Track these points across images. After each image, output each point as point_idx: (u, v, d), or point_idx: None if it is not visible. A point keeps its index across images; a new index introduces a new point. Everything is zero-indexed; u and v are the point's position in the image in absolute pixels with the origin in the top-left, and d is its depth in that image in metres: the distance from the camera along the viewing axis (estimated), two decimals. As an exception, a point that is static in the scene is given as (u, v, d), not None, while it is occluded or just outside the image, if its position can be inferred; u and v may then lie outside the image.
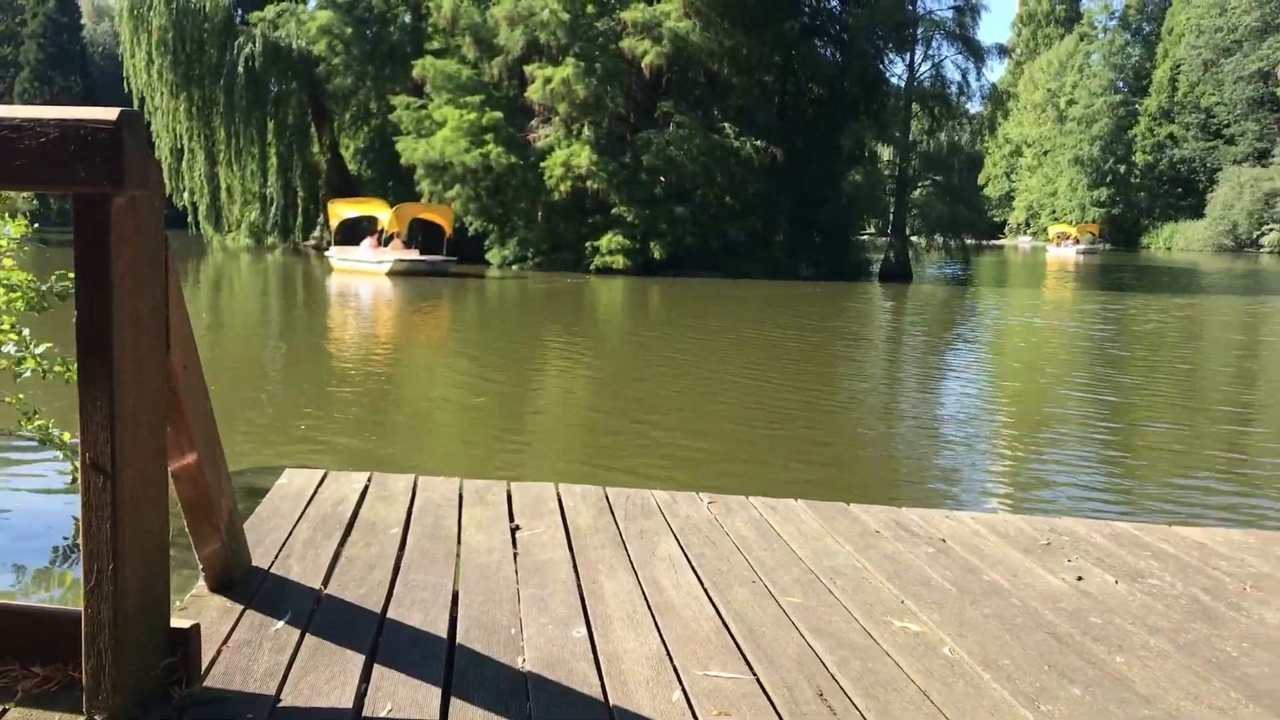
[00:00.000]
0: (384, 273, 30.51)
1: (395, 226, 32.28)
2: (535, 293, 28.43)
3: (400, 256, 31.28)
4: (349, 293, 26.13)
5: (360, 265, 31.90)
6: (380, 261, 31.09)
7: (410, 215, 33.58)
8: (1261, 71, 76.58)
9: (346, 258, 32.95)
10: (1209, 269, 51.94)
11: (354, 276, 30.50)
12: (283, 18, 42.67)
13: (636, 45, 34.05)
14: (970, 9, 37.18)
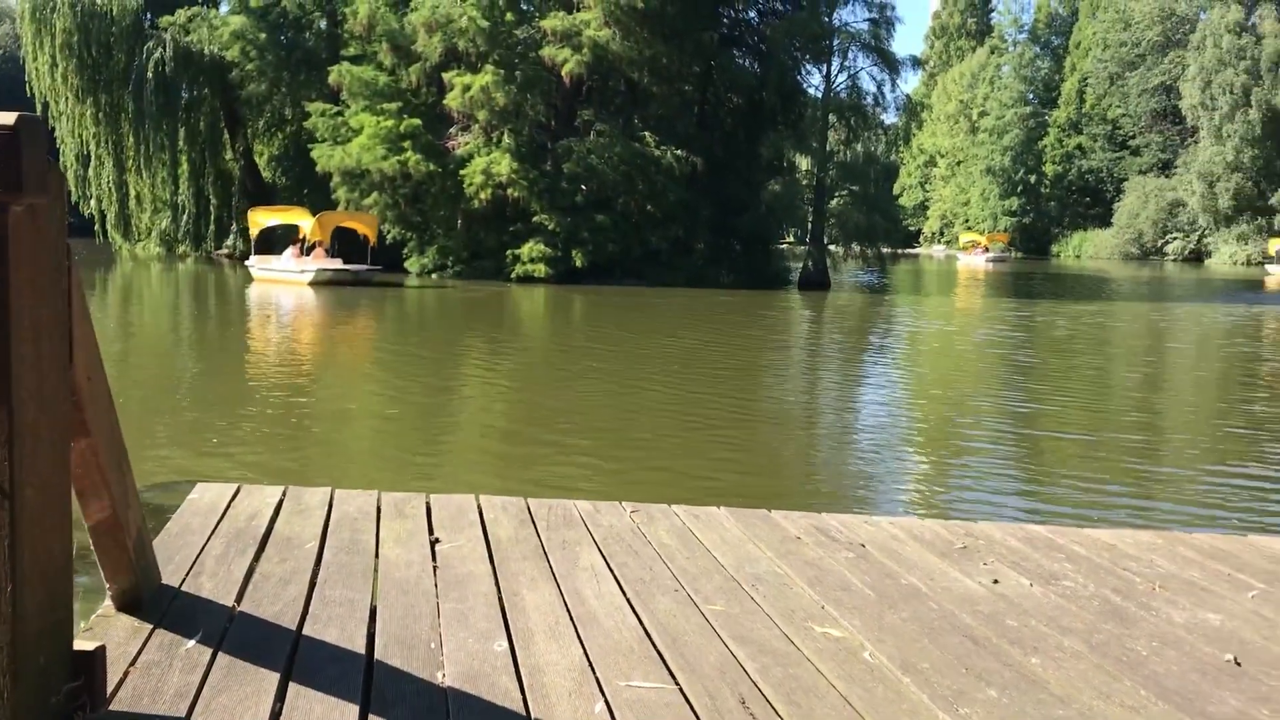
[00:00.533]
0: (306, 282, 29.92)
1: (318, 235, 31.61)
2: (456, 301, 28.22)
3: (323, 266, 30.67)
4: (269, 303, 25.64)
5: (282, 275, 31.22)
6: (303, 271, 30.47)
7: (334, 223, 32.96)
8: (1164, 85, 79.05)
9: (267, 267, 32.23)
10: (1116, 276, 53.41)
11: (275, 286, 29.88)
12: (194, 22, 41.73)
13: (556, 53, 34.01)
14: (885, 22, 37.86)
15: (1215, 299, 36.80)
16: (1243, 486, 8.41)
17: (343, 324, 21.97)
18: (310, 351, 17.13)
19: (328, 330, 20.91)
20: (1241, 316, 28.64)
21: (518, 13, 36.06)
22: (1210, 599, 3.59)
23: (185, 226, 44.97)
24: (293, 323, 21.95)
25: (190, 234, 45.01)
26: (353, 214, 34.48)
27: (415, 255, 36.40)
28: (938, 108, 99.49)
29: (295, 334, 19.90)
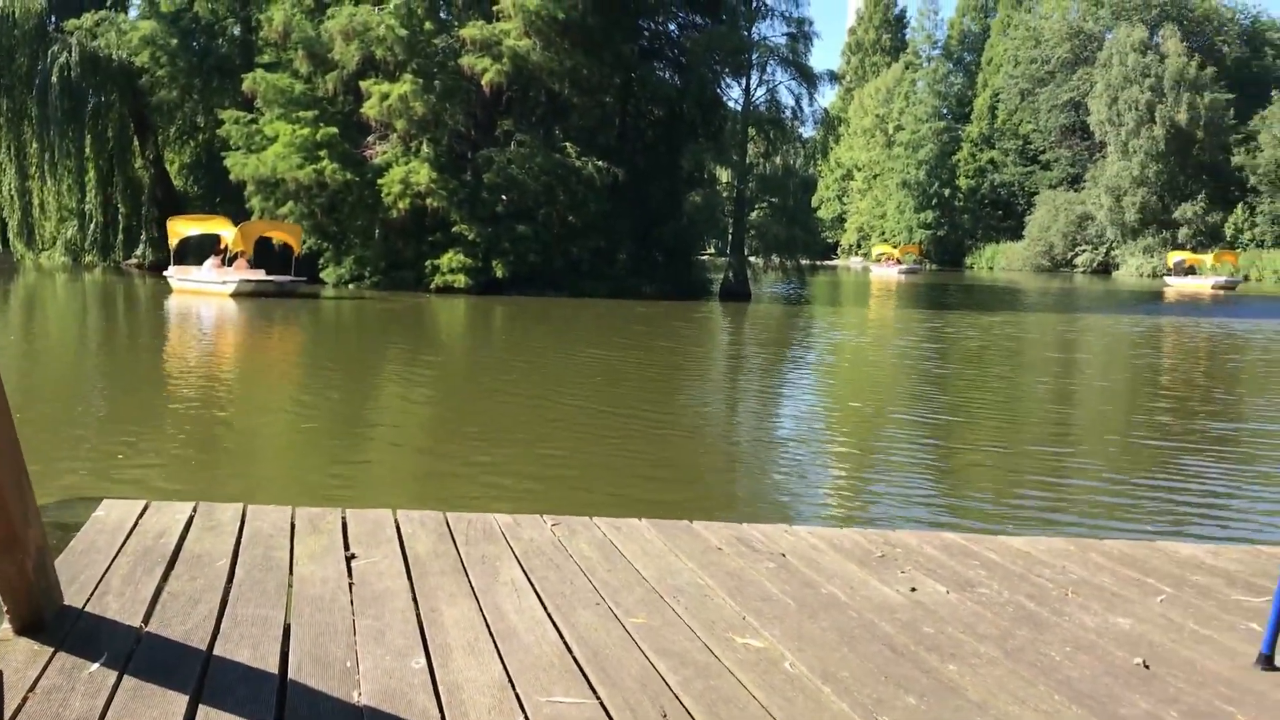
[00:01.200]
0: (228, 294, 29.18)
1: (240, 245, 30.61)
2: (375, 313, 27.87)
3: (246, 277, 29.88)
4: (186, 314, 25.04)
5: (202, 286, 30.40)
6: (224, 282, 29.68)
7: (257, 233, 31.98)
8: (1073, 101, 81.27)
9: (187, 278, 31.31)
10: (1026, 288, 54.69)
11: (195, 298, 29.18)
12: (101, 27, 40.65)
13: (476, 63, 33.80)
14: (803, 36, 38.33)
15: (1117, 310, 37.88)
16: (1150, 494, 8.64)
17: (259, 336, 21.56)
18: (225, 364, 16.77)
19: (243, 342, 20.50)
20: (1144, 328, 29.52)
21: (436, 21, 35.80)
22: (1120, 604, 3.67)
23: (92, 235, 43.81)
24: (208, 334, 21.49)
25: (98, 243, 43.87)
26: (276, 223, 33.62)
27: (332, 265, 35.89)
28: (854, 122, 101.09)
29: (210, 346, 19.48)
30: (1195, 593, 3.83)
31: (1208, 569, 4.15)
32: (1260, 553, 4.53)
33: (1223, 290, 53.84)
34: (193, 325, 23.08)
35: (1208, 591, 3.85)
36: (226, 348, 19.25)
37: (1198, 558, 4.34)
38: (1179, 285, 57.48)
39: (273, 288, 30.06)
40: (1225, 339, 25.99)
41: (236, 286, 29.39)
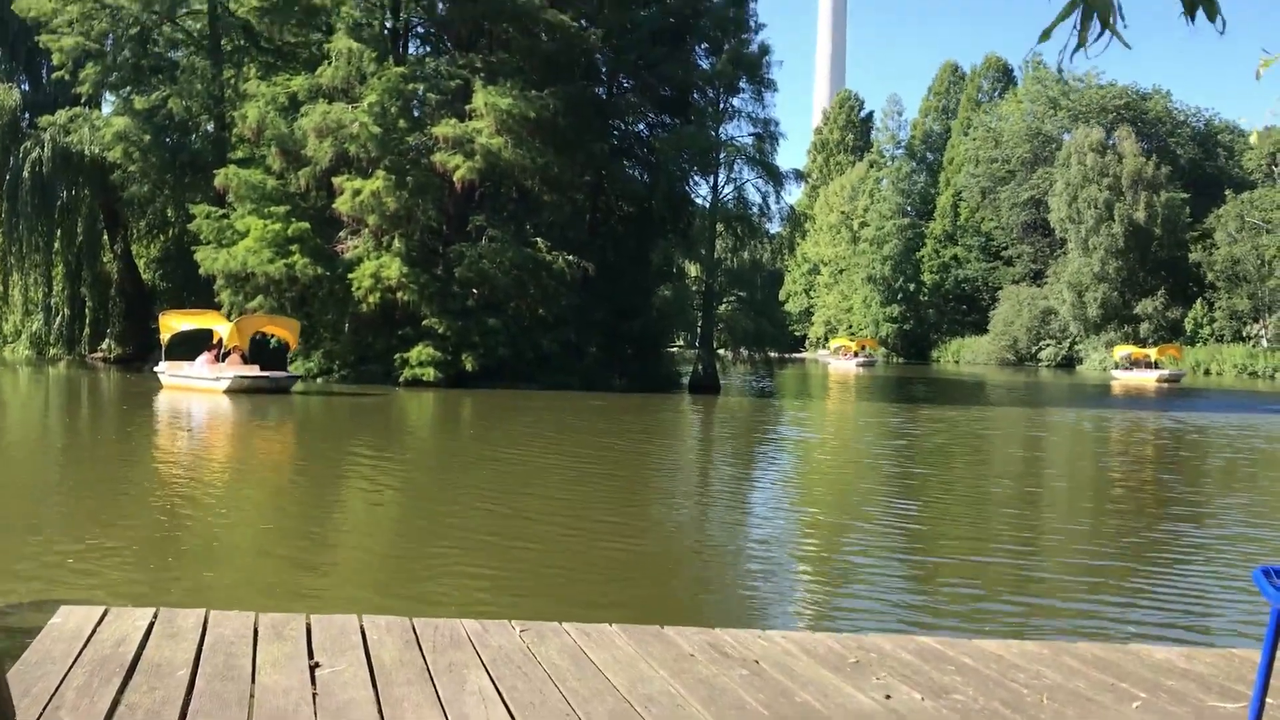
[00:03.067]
0: (221, 390, 28.70)
1: (235, 340, 30.24)
2: (347, 407, 27.71)
3: (240, 373, 29.33)
4: (175, 411, 24.70)
5: (195, 382, 29.91)
6: (218, 379, 29.19)
7: (253, 329, 31.58)
8: (1034, 199, 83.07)
9: (179, 374, 30.83)
10: (989, 382, 55.17)
11: (187, 394, 28.73)
12: (75, 123, 40.95)
13: (448, 160, 34.18)
14: (769, 137, 39.09)
15: (1076, 404, 38.25)
16: (1121, 596, 8.63)
17: (239, 434, 21.36)
18: (200, 463, 16.57)
19: (222, 441, 20.29)
20: (1103, 424, 29.79)
21: (410, 119, 36.29)
22: (1096, 710, 3.63)
23: (58, 329, 43.56)
24: (190, 432, 21.28)
25: (64, 337, 43.59)
26: (273, 318, 32.95)
27: (301, 359, 35.75)
28: (820, 218, 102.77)
29: (188, 444, 19.28)
30: (1170, 698, 3.80)
31: (1181, 673, 4.13)
32: (1234, 656, 4.51)
33: (1167, 383, 55.15)
34: (177, 422, 22.85)
35: (1183, 697, 3.82)
36: (205, 446, 19.03)
37: (1172, 661, 4.32)
38: (1125, 378, 58.69)
39: (267, 384, 29.52)
40: (1183, 434, 26.25)
41: (230, 383, 28.81)
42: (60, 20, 38.76)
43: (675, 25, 39.09)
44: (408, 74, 35.92)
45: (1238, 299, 71.13)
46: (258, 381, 29.41)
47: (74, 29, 38.83)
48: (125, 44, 40.47)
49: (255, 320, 32.20)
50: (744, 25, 39.40)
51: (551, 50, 37.14)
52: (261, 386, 29.32)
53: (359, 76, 35.14)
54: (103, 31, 39.81)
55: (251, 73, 40.36)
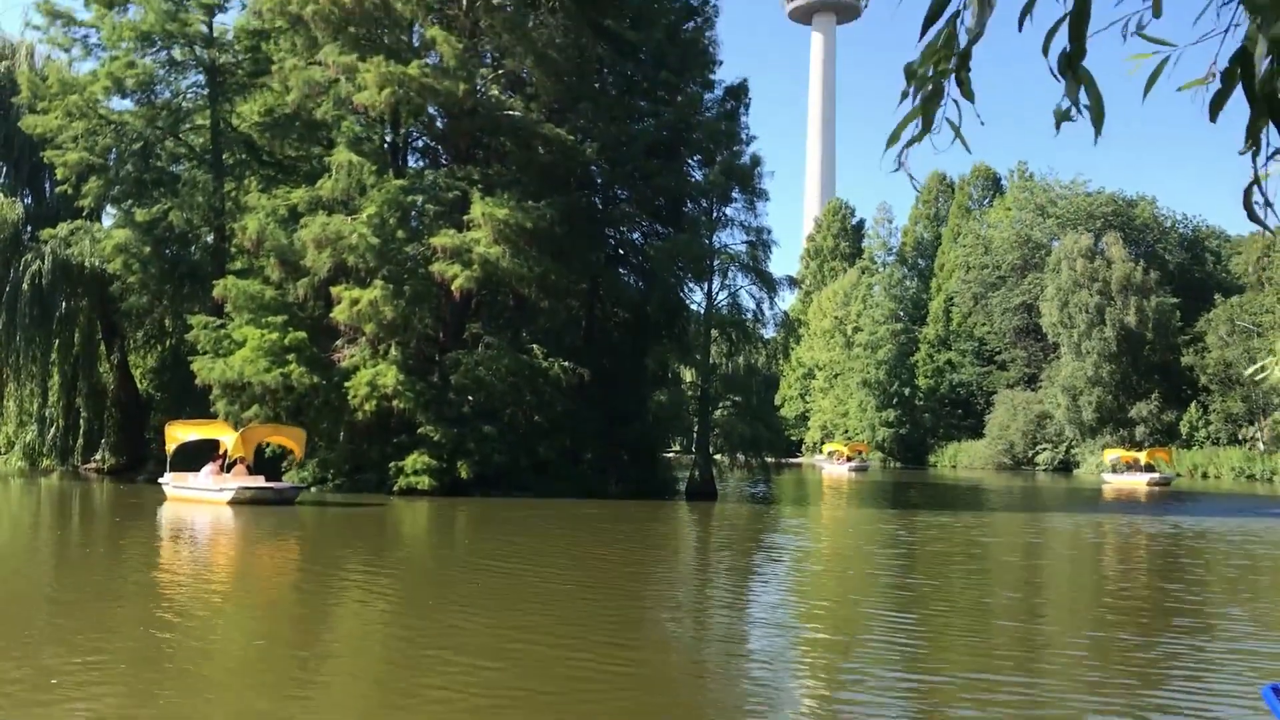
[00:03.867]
0: (225, 501, 28.45)
1: (241, 451, 29.97)
2: (340, 518, 27.44)
3: (244, 484, 29.13)
4: (177, 524, 24.37)
5: (199, 494, 29.65)
6: (222, 490, 28.97)
7: (258, 439, 31.31)
8: (1025, 304, 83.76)
9: (184, 485, 30.56)
10: (983, 487, 54.84)
11: (191, 506, 28.34)
12: (76, 235, 41.43)
13: (446, 269, 34.49)
14: (762, 244, 39.58)
15: (1070, 509, 37.99)
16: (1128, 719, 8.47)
17: (236, 547, 21.14)
18: (188, 577, 16.35)
19: (211, 553, 20.06)
20: (1100, 531, 29.58)
21: (408, 230, 36.72)
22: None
23: (52, 440, 43.40)
24: (181, 545, 21.04)
25: (57, 447, 43.41)
26: (279, 427, 32.66)
27: (294, 469, 35.56)
28: (814, 323, 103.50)
29: (179, 558, 19.04)
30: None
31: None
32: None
33: (1157, 487, 55.21)
34: (178, 535, 22.58)
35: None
36: (202, 560, 18.79)
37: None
38: (1116, 482, 58.78)
39: (272, 495, 29.25)
40: (1182, 540, 26.04)
41: (234, 494, 28.58)
42: (65, 136, 39.53)
43: (669, 138, 39.92)
44: (407, 186, 36.49)
45: (1231, 402, 71.29)
46: (262, 493, 29.14)
47: (78, 144, 39.56)
48: (128, 158, 41.19)
49: (261, 430, 31.85)
50: (736, 138, 40.25)
51: (548, 162, 37.85)
52: (266, 498, 29.05)
53: (359, 188, 35.66)
54: (106, 147, 40.55)
55: (252, 185, 41.02)
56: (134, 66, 39.65)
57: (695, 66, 41.16)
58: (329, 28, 36.14)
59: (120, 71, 39.36)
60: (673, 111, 40.07)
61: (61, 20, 41.12)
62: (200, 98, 42.22)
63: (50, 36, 41.87)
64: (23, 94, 40.66)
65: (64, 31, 41.41)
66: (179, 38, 40.16)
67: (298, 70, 36.49)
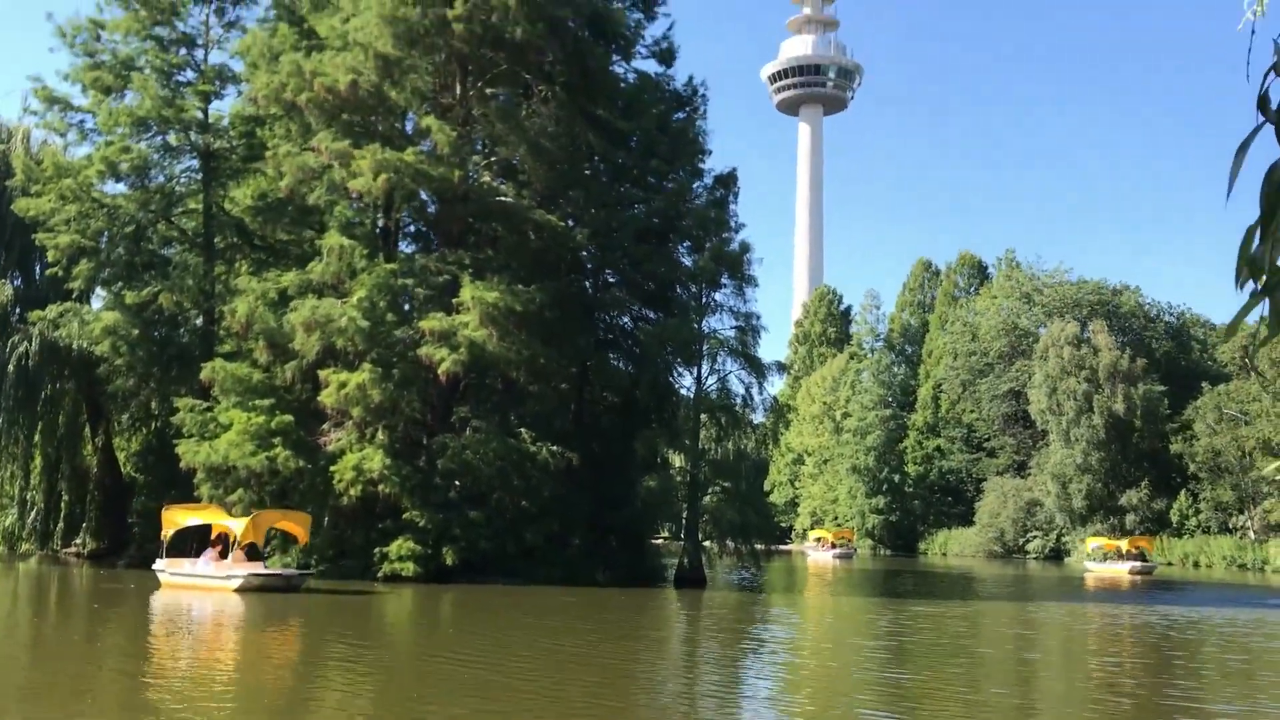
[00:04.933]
0: (233, 589, 27.85)
1: (252, 536, 29.24)
2: (325, 605, 26.95)
3: (254, 571, 28.51)
4: (176, 613, 23.81)
5: (201, 580, 28.99)
6: (229, 576, 28.34)
7: (269, 523, 30.60)
8: (1013, 391, 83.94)
9: (182, 572, 29.92)
10: (971, 576, 54.32)
11: (192, 593, 27.69)
12: (65, 317, 41.34)
13: (434, 352, 34.44)
14: (751, 330, 39.75)
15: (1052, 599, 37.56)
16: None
17: (233, 638, 20.70)
18: (170, 669, 15.97)
19: (217, 647, 19.64)
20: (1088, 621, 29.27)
21: (398, 313, 36.74)
22: None
23: (32, 524, 42.81)
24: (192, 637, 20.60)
25: (37, 531, 42.81)
26: (285, 512, 31.84)
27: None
28: (803, 408, 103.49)
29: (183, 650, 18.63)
30: None
31: None
32: None
33: (1140, 575, 55.05)
34: (171, 623, 22.10)
35: None
36: (191, 650, 18.34)
37: None
38: (1098, 570, 58.72)
39: (280, 582, 28.66)
40: (1175, 631, 25.74)
41: (243, 582, 27.94)
42: (58, 219, 39.70)
43: (659, 224, 40.27)
44: (397, 270, 36.63)
45: (1221, 490, 71.15)
46: (270, 580, 28.58)
47: (70, 227, 39.71)
48: (120, 241, 41.35)
49: (270, 515, 31.09)
50: (725, 225, 40.64)
51: (539, 247, 38.11)
52: (275, 585, 28.44)
53: (349, 272, 35.76)
54: (98, 229, 40.71)
55: (243, 269, 41.13)
56: (129, 151, 40.02)
57: (685, 155, 41.69)
58: (323, 115, 36.61)
59: (115, 156, 39.71)
60: (663, 199, 40.49)
61: (59, 105, 41.57)
62: (194, 182, 42.57)
63: (47, 121, 42.33)
64: (17, 177, 40.92)
65: (61, 116, 41.84)
66: (174, 123, 40.62)
67: (291, 156, 36.84)
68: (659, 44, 43.37)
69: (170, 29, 41.60)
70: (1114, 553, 60.72)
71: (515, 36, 35.79)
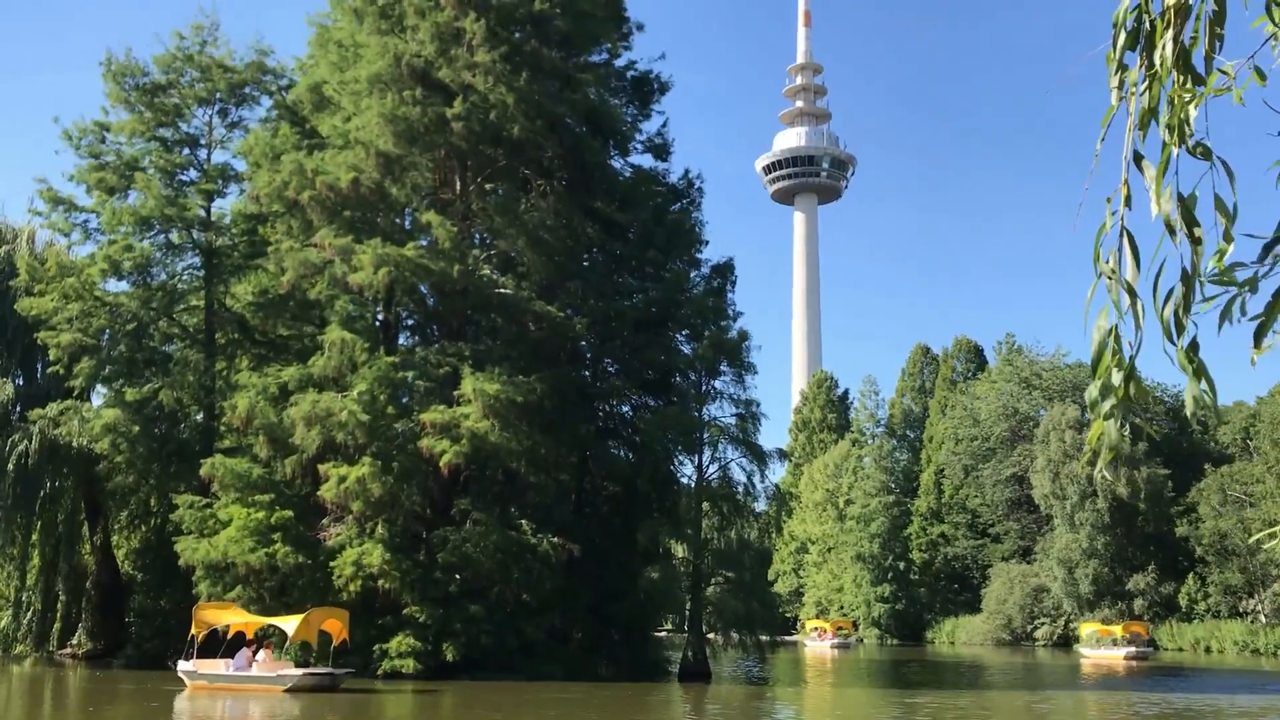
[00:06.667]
0: (283, 690, 27.56)
1: (305, 634, 29.03)
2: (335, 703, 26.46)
3: (308, 671, 28.39)
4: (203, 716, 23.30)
5: (242, 682, 28.61)
6: (279, 676, 28.20)
7: (320, 622, 30.08)
8: (1016, 475, 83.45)
9: (216, 673, 29.46)
10: (990, 663, 53.51)
11: (231, 695, 27.22)
12: (65, 415, 41.29)
13: (435, 444, 34.37)
14: (751, 417, 39.70)
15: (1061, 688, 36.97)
16: None
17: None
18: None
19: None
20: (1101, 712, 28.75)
21: (398, 406, 36.75)
22: None
23: (28, 625, 42.24)
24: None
25: (33, 632, 42.23)
26: (330, 610, 31.17)
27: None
28: (805, 496, 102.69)
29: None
30: None
31: None
32: None
33: (1135, 661, 54.44)
34: None
35: None
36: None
37: None
38: (1094, 656, 58.10)
39: (328, 681, 28.46)
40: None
41: (295, 682, 27.75)
42: (60, 317, 39.94)
43: (657, 314, 40.49)
44: (397, 363, 36.75)
45: (1229, 573, 70.32)
46: (321, 679, 28.40)
47: (72, 325, 39.93)
48: (121, 339, 41.54)
49: (320, 614, 30.44)
50: (723, 313, 40.88)
51: (538, 338, 38.31)
52: (322, 685, 28.25)
53: (350, 366, 35.86)
54: (100, 327, 40.92)
55: (243, 364, 41.26)
56: (131, 250, 40.44)
57: (682, 245, 42.13)
58: (324, 212, 37.08)
59: (118, 255, 40.11)
60: (660, 288, 40.77)
61: (63, 206, 42.13)
62: (195, 279, 42.93)
63: (51, 222, 42.85)
64: (21, 277, 41.27)
65: (65, 216, 42.38)
66: (177, 221, 41.12)
67: (293, 252, 37.23)
68: (654, 139, 44.22)
69: (174, 130, 42.38)
70: (1109, 639, 60.05)
71: (514, 134, 36.48)
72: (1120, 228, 3.35)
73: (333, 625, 30.48)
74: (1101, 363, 3.36)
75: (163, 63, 41.73)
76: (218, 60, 41.99)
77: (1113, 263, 3.35)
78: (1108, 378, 3.36)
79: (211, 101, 42.70)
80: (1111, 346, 3.34)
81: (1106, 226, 3.36)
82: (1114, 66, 3.46)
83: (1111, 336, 3.34)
